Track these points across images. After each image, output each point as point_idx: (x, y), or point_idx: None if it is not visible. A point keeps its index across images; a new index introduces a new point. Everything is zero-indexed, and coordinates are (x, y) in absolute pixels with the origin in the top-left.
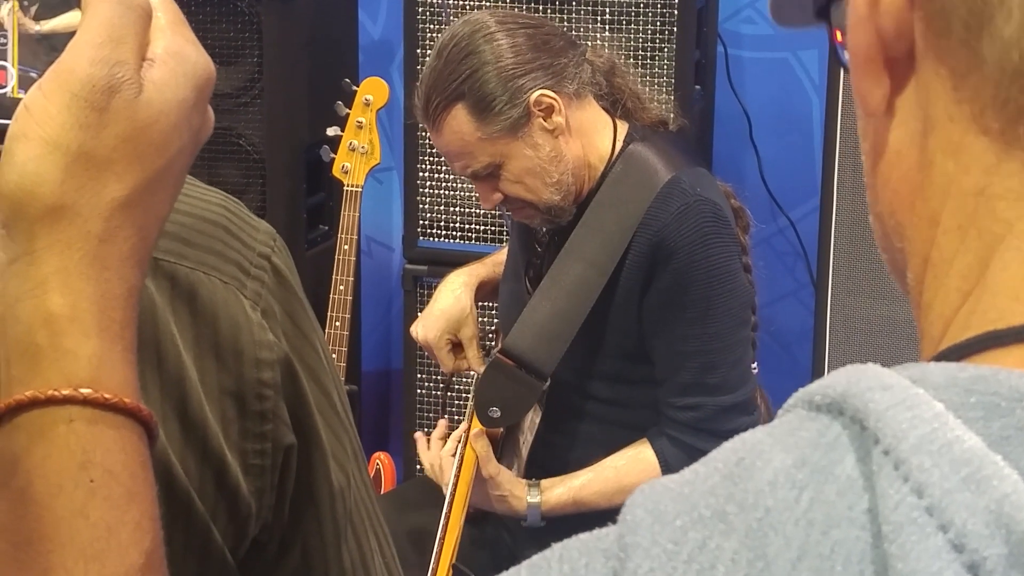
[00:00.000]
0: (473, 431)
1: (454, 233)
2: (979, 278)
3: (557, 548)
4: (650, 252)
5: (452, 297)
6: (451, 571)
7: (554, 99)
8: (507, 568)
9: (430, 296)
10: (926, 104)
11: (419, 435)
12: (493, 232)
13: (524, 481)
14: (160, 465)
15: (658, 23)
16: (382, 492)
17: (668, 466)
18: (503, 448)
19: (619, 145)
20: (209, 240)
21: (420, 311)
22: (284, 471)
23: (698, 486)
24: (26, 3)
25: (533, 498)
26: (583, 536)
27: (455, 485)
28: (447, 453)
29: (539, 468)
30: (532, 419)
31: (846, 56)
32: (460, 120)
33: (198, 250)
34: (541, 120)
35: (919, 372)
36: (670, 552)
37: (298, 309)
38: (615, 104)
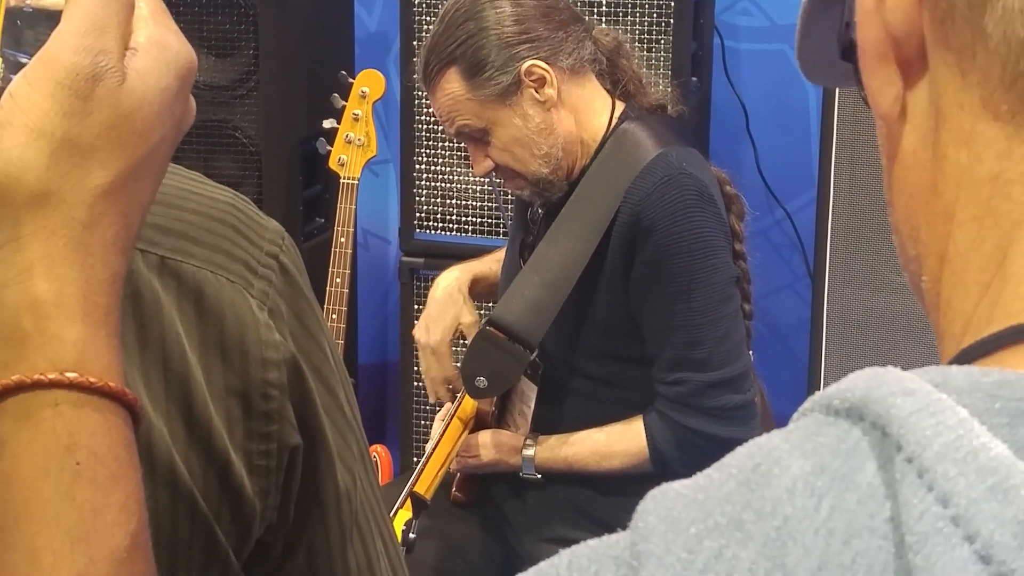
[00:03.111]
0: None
1: (451, 225)
2: (998, 268)
3: (565, 555)
4: (632, 224)
5: (445, 295)
6: (411, 498)
7: (546, 71)
8: (504, 554)
9: (427, 288)
10: (937, 98)
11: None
12: (490, 224)
13: (523, 437)
14: (164, 465)
15: (654, 15)
16: (380, 484)
17: (653, 438)
18: (498, 426)
19: (614, 124)
20: (216, 239)
21: (417, 303)
22: (289, 472)
23: (713, 493)
24: None
25: (528, 451)
26: (592, 543)
27: (441, 436)
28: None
29: None
30: (528, 395)
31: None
32: (452, 81)
33: (205, 248)
34: (532, 91)
35: (940, 376)
36: (684, 561)
37: (306, 309)
38: (616, 84)
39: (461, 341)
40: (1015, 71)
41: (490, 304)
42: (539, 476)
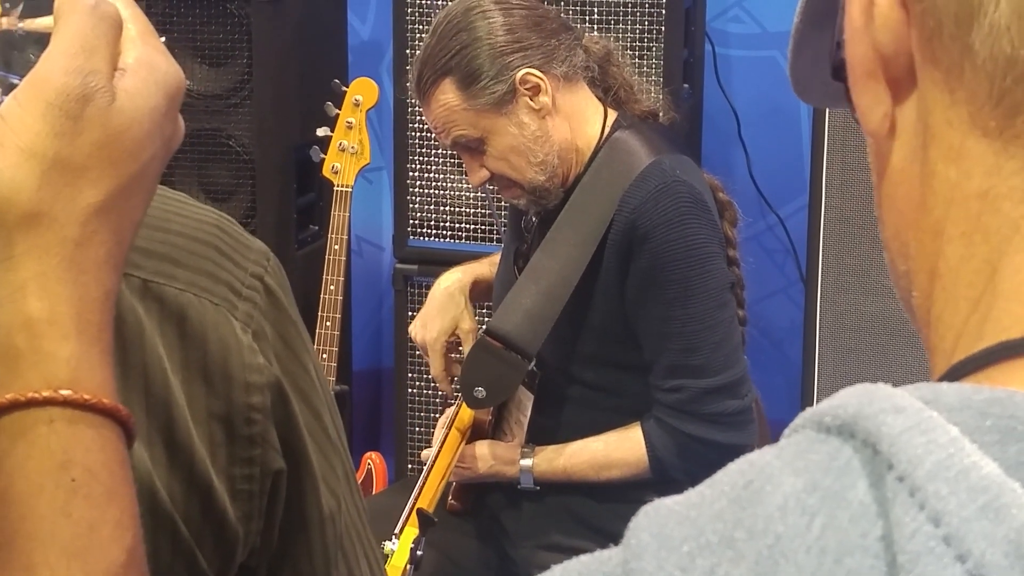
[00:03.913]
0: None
1: (444, 232)
2: (988, 283)
3: (557, 571)
4: (627, 232)
5: (446, 295)
6: (417, 515)
7: (541, 79)
8: (500, 562)
9: (421, 295)
10: (925, 115)
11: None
12: (483, 231)
13: (519, 447)
14: (145, 489)
15: (646, 22)
16: (374, 492)
17: (652, 446)
18: (494, 435)
19: (607, 132)
20: (200, 261)
21: (411, 310)
22: (273, 496)
23: (705, 510)
24: (7, 5)
25: (526, 462)
26: (584, 559)
27: (440, 448)
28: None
29: None
30: (525, 403)
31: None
32: (447, 92)
33: (188, 271)
34: (527, 99)
35: (931, 393)
36: None
37: (291, 330)
38: (607, 92)
39: (457, 345)
40: (1002, 87)
41: (490, 306)
42: (537, 487)
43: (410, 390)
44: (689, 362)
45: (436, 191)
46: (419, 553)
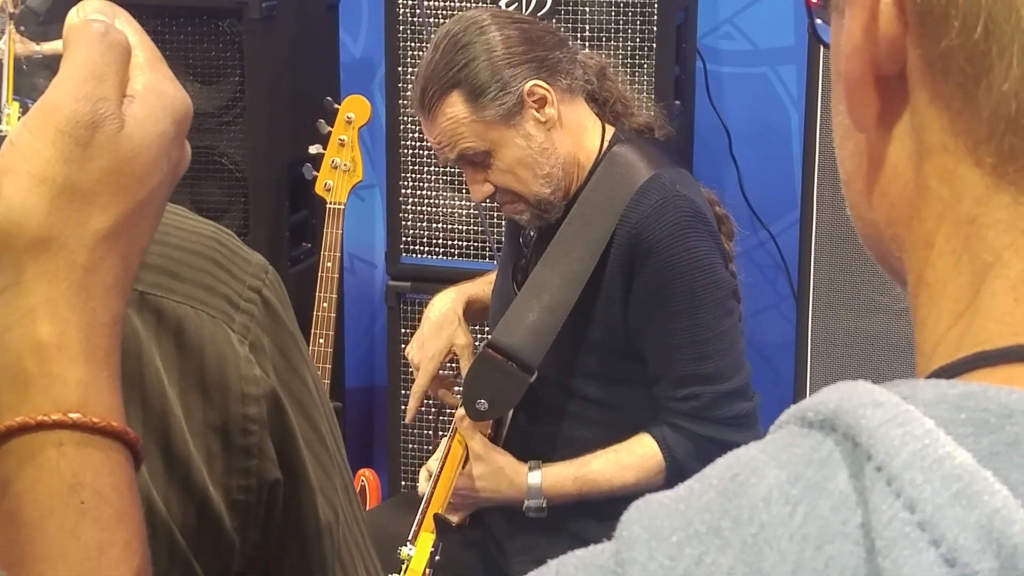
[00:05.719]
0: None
1: (437, 249)
2: (971, 302)
3: (553, 565)
4: (630, 247)
5: (441, 316)
6: (433, 519)
7: (547, 91)
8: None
9: (414, 312)
10: (920, 129)
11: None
12: (476, 248)
13: (524, 464)
14: (142, 499)
15: (637, 39)
16: (367, 509)
17: (670, 450)
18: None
19: (605, 145)
20: (198, 273)
21: (404, 327)
22: (269, 507)
23: (693, 502)
24: (22, 28)
25: (534, 478)
26: (579, 552)
27: (445, 456)
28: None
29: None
30: (505, 416)
31: (819, 22)
32: (455, 105)
33: (186, 284)
34: (534, 111)
35: (909, 389)
36: (667, 568)
37: (289, 343)
38: (604, 107)
39: (451, 364)
40: (1001, 138)
41: (484, 325)
42: (544, 506)
43: (403, 407)
44: (701, 370)
45: (429, 208)
46: (437, 558)
